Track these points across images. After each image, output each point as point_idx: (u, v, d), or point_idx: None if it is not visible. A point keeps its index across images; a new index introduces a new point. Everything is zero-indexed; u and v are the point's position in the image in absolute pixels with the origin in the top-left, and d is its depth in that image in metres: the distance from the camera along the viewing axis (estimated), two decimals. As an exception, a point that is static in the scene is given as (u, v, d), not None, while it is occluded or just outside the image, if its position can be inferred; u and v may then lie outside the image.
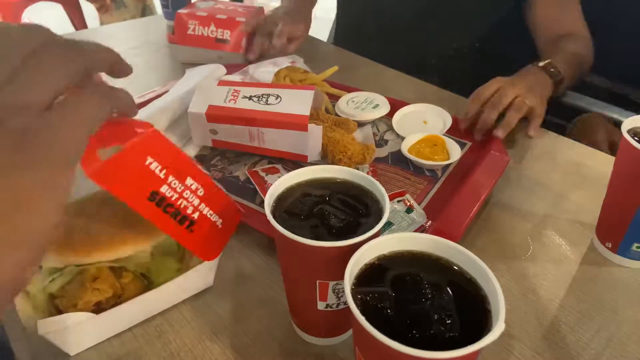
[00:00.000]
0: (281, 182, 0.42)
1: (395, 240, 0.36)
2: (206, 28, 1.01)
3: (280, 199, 0.42)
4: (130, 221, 0.44)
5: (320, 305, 0.41)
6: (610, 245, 0.54)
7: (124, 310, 0.44)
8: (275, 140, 0.66)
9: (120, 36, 1.26)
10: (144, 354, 0.45)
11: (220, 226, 0.46)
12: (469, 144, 0.73)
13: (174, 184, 0.40)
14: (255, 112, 0.64)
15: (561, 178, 0.68)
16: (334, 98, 0.83)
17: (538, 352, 0.45)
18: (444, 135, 0.72)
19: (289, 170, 0.65)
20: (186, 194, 0.41)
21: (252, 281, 0.53)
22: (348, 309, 0.30)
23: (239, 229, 0.59)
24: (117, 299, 0.44)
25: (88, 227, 0.43)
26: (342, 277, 0.32)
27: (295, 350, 0.46)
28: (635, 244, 0.52)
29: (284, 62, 0.83)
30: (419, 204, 0.61)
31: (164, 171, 0.39)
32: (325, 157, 0.67)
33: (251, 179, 0.65)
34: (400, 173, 0.68)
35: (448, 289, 0.33)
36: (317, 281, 0.39)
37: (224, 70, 0.84)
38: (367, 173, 0.65)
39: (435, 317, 0.30)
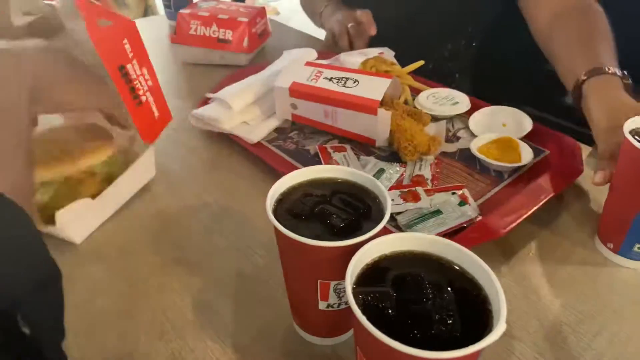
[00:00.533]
0: (282, 183, 0.42)
1: (397, 240, 0.36)
2: (208, 28, 1.01)
3: (282, 199, 0.42)
4: (96, 130, 0.60)
5: (322, 305, 0.41)
6: (611, 246, 0.54)
7: (106, 197, 0.58)
8: (347, 120, 0.71)
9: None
10: (145, 353, 0.45)
11: (156, 118, 0.61)
12: (546, 152, 0.70)
13: (135, 66, 0.56)
14: (332, 92, 0.70)
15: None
16: (417, 92, 0.83)
17: (539, 353, 0.45)
18: (520, 139, 0.70)
19: (356, 152, 0.71)
20: (141, 78, 0.57)
21: (253, 281, 0.53)
22: (349, 308, 0.30)
23: (242, 228, 0.59)
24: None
25: (61, 141, 0.57)
26: (343, 277, 0.32)
27: (297, 350, 0.46)
28: (637, 245, 0.52)
29: (373, 52, 0.87)
30: (476, 201, 0.61)
31: (132, 54, 0.55)
32: (392, 144, 0.70)
33: (319, 154, 0.71)
34: (464, 169, 0.68)
35: (449, 289, 0.33)
36: (318, 281, 0.39)
37: (315, 55, 0.93)
38: (431, 165, 0.67)
39: (437, 317, 0.30)
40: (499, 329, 0.28)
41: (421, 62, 0.85)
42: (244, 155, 0.73)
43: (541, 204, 0.57)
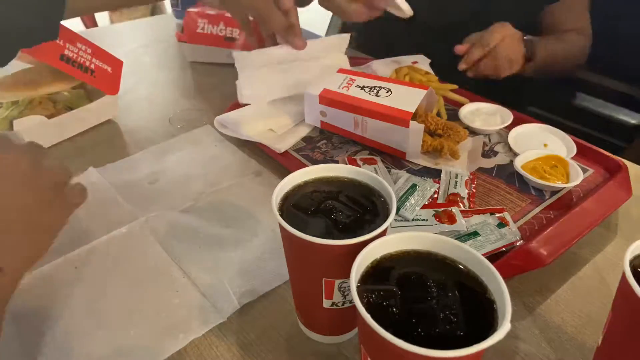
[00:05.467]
0: (288, 181, 0.43)
1: (402, 239, 0.36)
2: (215, 26, 1.01)
3: (288, 197, 0.42)
4: (56, 73, 0.74)
5: (326, 304, 0.41)
6: None
7: (63, 120, 0.75)
8: (377, 131, 0.68)
9: (130, 34, 1.27)
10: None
11: (110, 72, 0.79)
12: (590, 170, 0.68)
13: (71, 47, 0.72)
14: (363, 101, 0.67)
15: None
16: (454, 104, 0.82)
17: (544, 354, 0.45)
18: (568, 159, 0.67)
19: (386, 164, 0.68)
20: (81, 52, 0.74)
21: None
22: (354, 307, 0.30)
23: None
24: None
25: (29, 76, 0.75)
26: (348, 275, 0.32)
27: (301, 348, 0.46)
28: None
29: (406, 61, 0.84)
30: (515, 222, 0.58)
31: (62, 41, 0.71)
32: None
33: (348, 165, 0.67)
34: (502, 187, 0.65)
35: (454, 288, 0.33)
36: (323, 279, 0.39)
37: (346, 43, 0.85)
38: (467, 181, 0.64)
39: (441, 315, 0.30)
40: (504, 328, 0.28)
41: (455, 86, 0.83)
42: (252, 153, 0.73)
43: (588, 231, 0.55)
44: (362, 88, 0.69)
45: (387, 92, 0.68)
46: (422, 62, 0.86)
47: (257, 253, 0.55)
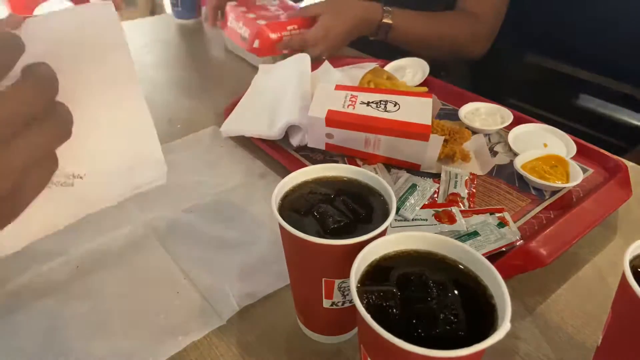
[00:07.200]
0: (289, 180, 0.43)
1: (402, 239, 0.36)
2: (238, 23, 1.03)
3: (287, 197, 0.42)
4: None
5: (326, 303, 0.41)
6: None
7: None
8: (392, 148, 0.66)
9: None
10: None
11: None
12: (590, 170, 0.68)
13: None
14: (375, 119, 0.64)
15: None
16: (452, 103, 0.83)
17: (544, 354, 0.45)
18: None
19: (386, 165, 0.68)
20: None
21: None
22: (353, 307, 0.30)
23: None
24: None
25: None
26: (348, 275, 0.32)
27: (301, 347, 0.46)
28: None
29: (369, 64, 0.81)
30: (515, 222, 0.58)
31: None
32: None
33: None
34: (502, 187, 0.65)
35: (454, 288, 0.33)
36: (323, 279, 0.39)
37: (308, 62, 0.81)
38: (467, 181, 0.64)
39: (441, 315, 0.30)
40: (504, 328, 0.28)
41: (426, 88, 0.83)
42: (257, 155, 0.73)
43: (588, 231, 0.55)
44: (368, 104, 0.66)
45: (395, 105, 0.66)
46: (369, 67, 0.83)
47: (258, 255, 0.55)
